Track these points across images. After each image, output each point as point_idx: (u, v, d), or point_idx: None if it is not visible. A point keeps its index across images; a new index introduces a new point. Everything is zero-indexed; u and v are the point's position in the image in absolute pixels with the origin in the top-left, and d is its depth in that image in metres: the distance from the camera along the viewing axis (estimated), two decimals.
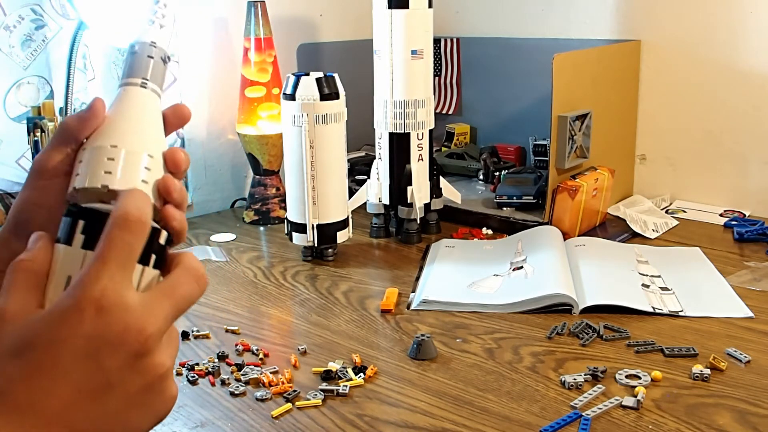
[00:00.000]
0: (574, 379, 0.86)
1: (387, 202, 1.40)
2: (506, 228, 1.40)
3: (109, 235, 0.45)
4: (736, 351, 0.92)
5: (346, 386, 0.87)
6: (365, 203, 1.43)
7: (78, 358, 0.43)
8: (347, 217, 1.31)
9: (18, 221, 0.55)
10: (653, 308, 1.05)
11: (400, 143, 1.36)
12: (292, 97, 1.22)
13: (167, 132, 0.56)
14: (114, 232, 0.45)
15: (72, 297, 0.44)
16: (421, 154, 1.37)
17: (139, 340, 0.44)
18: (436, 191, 1.42)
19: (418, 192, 1.37)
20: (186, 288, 0.48)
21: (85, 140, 0.53)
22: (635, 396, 0.82)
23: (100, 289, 0.44)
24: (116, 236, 0.45)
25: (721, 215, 1.47)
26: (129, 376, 0.44)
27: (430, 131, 1.38)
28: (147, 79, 0.55)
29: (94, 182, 0.51)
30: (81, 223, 0.48)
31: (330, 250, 1.30)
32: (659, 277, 1.16)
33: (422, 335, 0.95)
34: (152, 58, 0.56)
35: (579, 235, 1.35)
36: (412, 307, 1.10)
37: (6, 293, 0.45)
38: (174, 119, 0.56)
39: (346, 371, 0.90)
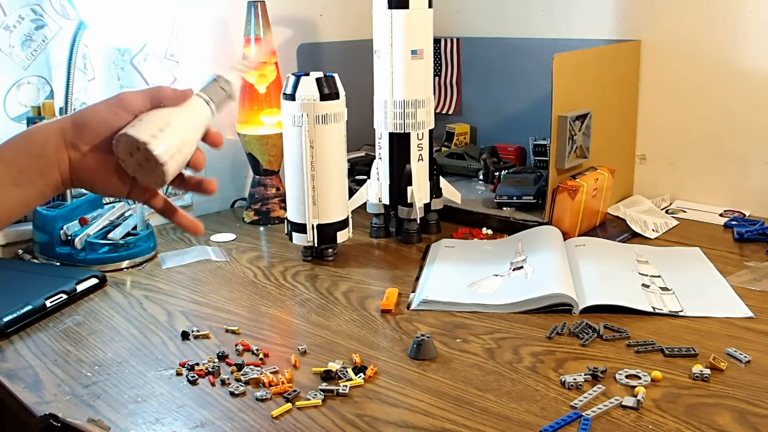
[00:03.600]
0: (574, 379, 0.86)
1: (387, 202, 1.40)
2: (506, 228, 1.40)
3: None
4: (736, 351, 0.92)
5: (346, 386, 0.87)
6: (365, 203, 1.43)
7: None
8: (347, 217, 1.31)
9: (82, 122, 0.70)
10: (653, 308, 1.05)
11: (400, 143, 1.36)
12: (292, 97, 1.22)
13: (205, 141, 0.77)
14: None
15: None
16: (421, 154, 1.37)
17: None
18: (436, 191, 1.42)
19: (418, 192, 1.37)
20: None
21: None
22: (635, 396, 0.82)
23: None
24: None
25: (721, 215, 1.47)
26: None
27: (430, 131, 1.38)
28: (212, 100, 0.76)
29: (141, 136, 0.68)
30: None
31: (330, 250, 1.30)
32: (659, 277, 1.16)
33: (422, 335, 0.95)
34: (223, 90, 0.77)
35: (579, 235, 1.35)
36: (412, 307, 1.10)
37: None
38: (209, 137, 0.77)
39: (346, 371, 0.90)
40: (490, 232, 1.42)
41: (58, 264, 1.29)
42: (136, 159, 0.70)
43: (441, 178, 1.43)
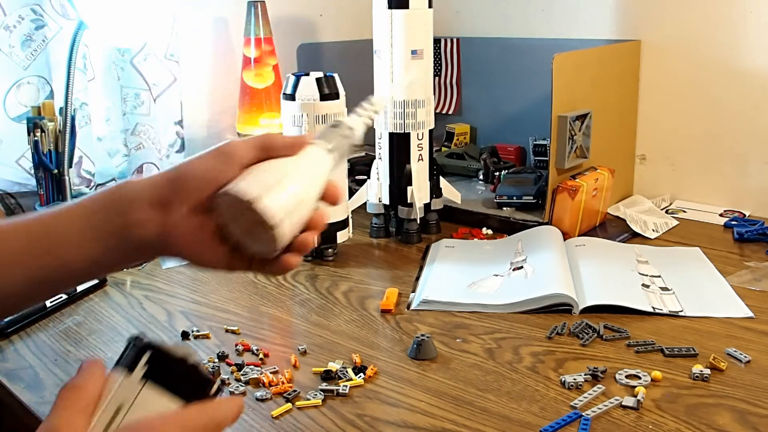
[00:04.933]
0: (574, 379, 0.86)
1: (387, 202, 1.40)
2: (506, 228, 1.40)
3: (204, 410, 0.49)
4: (736, 351, 0.92)
5: (346, 386, 0.87)
6: (365, 203, 1.43)
7: None
8: (347, 217, 1.31)
9: (178, 177, 0.60)
10: (653, 308, 1.05)
11: (400, 143, 1.36)
12: (292, 97, 1.22)
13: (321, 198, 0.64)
14: (210, 411, 0.50)
15: (145, 426, 0.47)
16: (421, 154, 1.37)
17: None
18: (436, 191, 1.42)
19: (418, 192, 1.37)
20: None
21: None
22: (635, 396, 0.82)
23: None
24: (208, 415, 0.49)
25: (721, 215, 1.47)
26: None
27: (430, 131, 1.38)
28: (332, 149, 0.65)
29: (247, 192, 0.56)
30: (147, 355, 0.51)
31: (330, 250, 1.30)
32: (659, 277, 1.16)
33: (422, 335, 0.95)
34: (345, 138, 0.67)
35: (579, 235, 1.35)
36: (412, 307, 1.10)
37: (57, 413, 0.47)
38: (327, 191, 0.64)
39: (346, 371, 0.90)
40: (490, 232, 1.42)
41: None
42: (241, 224, 0.58)
43: (441, 178, 1.43)
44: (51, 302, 1.10)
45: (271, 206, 0.56)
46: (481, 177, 1.67)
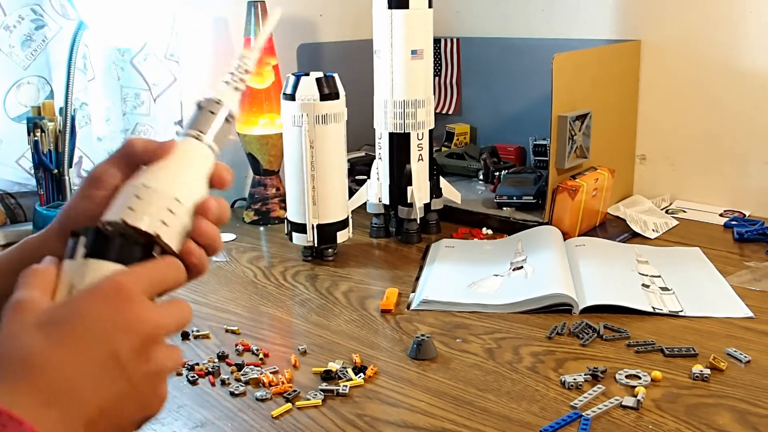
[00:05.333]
0: (574, 379, 0.86)
1: (387, 202, 1.40)
2: (506, 228, 1.40)
3: (156, 263, 0.52)
4: (736, 351, 0.92)
5: (346, 386, 0.87)
6: (365, 203, 1.43)
7: (96, 338, 0.47)
8: (347, 217, 1.31)
9: (65, 223, 0.59)
10: (653, 308, 1.05)
11: (400, 143, 1.36)
12: (292, 97, 1.22)
13: (211, 186, 0.59)
14: (161, 265, 0.52)
15: (99, 284, 0.49)
16: (421, 154, 1.37)
17: (151, 330, 0.48)
18: (436, 191, 1.42)
19: (418, 192, 1.37)
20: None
21: (143, 166, 0.57)
22: (635, 396, 0.82)
23: (125, 282, 0.49)
24: (161, 268, 0.52)
25: (721, 215, 1.47)
26: (136, 361, 0.48)
27: (430, 131, 1.38)
28: (203, 133, 0.59)
29: (117, 216, 0.54)
30: (81, 239, 0.52)
31: (330, 250, 1.30)
32: (659, 277, 1.16)
33: (422, 335, 0.95)
34: (214, 114, 0.60)
35: (579, 235, 1.35)
36: (412, 307, 1.10)
37: (24, 289, 0.49)
38: (215, 177, 0.59)
39: (346, 371, 0.90)
40: (490, 232, 1.42)
41: None
42: None
43: (441, 178, 1.43)
44: None
45: (143, 218, 0.53)
46: (481, 177, 1.67)
